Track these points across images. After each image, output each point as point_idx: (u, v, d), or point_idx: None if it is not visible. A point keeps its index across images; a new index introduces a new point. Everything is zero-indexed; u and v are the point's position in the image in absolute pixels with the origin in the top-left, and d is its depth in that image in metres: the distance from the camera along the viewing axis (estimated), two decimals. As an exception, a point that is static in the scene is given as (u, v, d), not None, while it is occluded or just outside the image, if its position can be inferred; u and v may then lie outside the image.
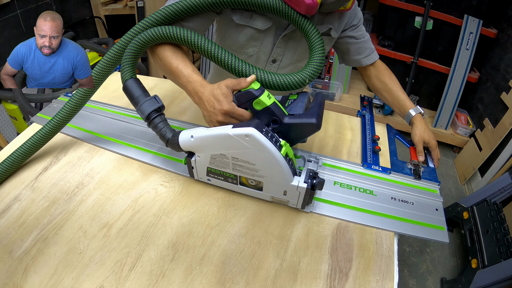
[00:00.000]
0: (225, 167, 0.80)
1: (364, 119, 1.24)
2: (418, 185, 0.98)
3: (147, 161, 0.98)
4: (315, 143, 1.11)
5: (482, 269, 1.70)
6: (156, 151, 1.02)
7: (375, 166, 1.02)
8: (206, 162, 0.81)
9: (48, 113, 1.16)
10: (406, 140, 1.15)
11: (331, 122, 1.21)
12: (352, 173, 0.99)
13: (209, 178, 0.86)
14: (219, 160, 0.79)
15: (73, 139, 1.08)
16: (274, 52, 1.09)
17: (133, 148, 1.03)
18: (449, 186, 2.61)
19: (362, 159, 1.05)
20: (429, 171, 1.04)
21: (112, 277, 0.70)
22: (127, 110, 1.20)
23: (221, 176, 0.83)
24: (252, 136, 0.69)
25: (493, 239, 1.75)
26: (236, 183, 0.83)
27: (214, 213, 0.85)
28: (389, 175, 1.00)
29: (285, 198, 0.81)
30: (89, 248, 0.75)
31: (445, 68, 2.69)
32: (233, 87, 0.79)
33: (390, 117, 2.91)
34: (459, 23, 2.52)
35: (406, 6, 2.58)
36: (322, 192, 0.91)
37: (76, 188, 0.89)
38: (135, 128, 1.11)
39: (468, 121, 2.80)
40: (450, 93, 2.69)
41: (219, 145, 0.75)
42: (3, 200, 0.88)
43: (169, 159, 0.99)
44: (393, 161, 1.07)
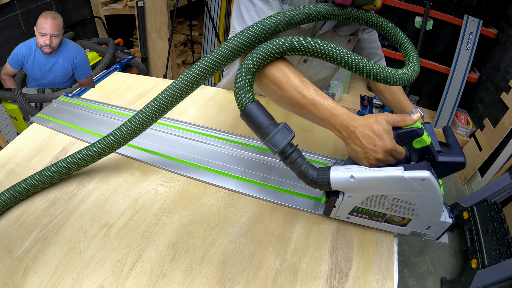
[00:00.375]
0: (379, 207, 0.74)
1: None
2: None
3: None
4: (315, 143, 1.10)
5: (482, 269, 1.70)
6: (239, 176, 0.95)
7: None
8: (357, 202, 0.75)
9: (48, 113, 1.16)
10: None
11: None
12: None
13: (349, 217, 0.80)
14: (375, 201, 0.73)
15: (72, 139, 1.08)
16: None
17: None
18: (449, 186, 2.61)
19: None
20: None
21: (112, 277, 0.69)
22: (127, 110, 1.20)
23: (367, 214, 0.78)
24: (428, 180, 0.66)
25: (493, 239, 1.75)
26: (381, 221, 0.79)
27: (214, 213, 0.85)
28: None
29: (426, 232, 0.78)
30: (89, 248, 0.75)
31: (445, 68, 2.69)
32: (395, 123, 0.72)
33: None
34: (459, 23, 2.52)
35: (406, 6, 2.58)
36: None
37: (76, 188, 0.89)
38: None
39: (468, 121, 2.80)
40: (450, 93, 2.70)
41: (384, 187, 0.70)
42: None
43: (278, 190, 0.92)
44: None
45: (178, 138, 1.07)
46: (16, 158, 0.99)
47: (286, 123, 0.74)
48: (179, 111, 1.23)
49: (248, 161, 0.99)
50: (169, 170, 0.96)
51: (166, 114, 0.83)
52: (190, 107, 1.26)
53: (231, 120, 1.18)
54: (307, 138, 1.10)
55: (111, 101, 1.28)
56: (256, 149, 1.03)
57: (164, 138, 1.06)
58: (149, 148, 1.02)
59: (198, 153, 1.01)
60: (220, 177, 0.94)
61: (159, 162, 0.97)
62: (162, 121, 1.12)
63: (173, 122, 1.14)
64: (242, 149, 1.03)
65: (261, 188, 0.91)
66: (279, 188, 0.91)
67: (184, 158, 0.99)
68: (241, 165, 0.98)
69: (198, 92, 1.35)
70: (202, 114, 1.21)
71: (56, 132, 1.08)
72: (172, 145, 1.04)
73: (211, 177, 0.93)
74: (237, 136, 1.08)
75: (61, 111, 1.16)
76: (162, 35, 2.95)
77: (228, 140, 1.06)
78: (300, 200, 0.88)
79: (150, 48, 3.01)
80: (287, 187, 0.91)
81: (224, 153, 1.02)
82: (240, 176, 0.94)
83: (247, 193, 0.89)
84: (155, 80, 1.45)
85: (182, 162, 0.98)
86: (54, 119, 1.12)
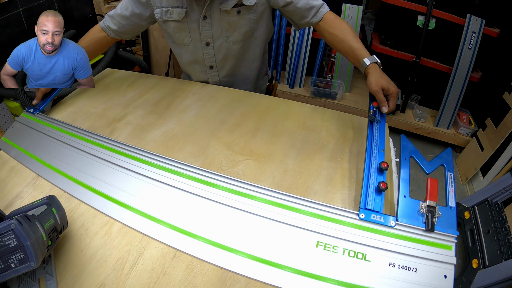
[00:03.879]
0: None
1: (371, 129, 0.94)
2: (428, 240, 0.72)
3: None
4: (316, 143, 1.08)
5: (483, 269, 1.70)
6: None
7: (376, 216, 0.76)
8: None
9: (10, 137, 1.10)
10: (424, 163, 0.85)
11: (333, 121, 1.18)
12: (343, 227, 0.75)
13: None
14: None
15: (34, 176, 1.01)
16: (203, 36, 1.22)
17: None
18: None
19: (361, 202, 0.78)
20: (447, 215, 0.75)
21: (113, 274, 0.70)
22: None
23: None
24: None
25: (494, 239, 1.75)
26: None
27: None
28: (392, 228, 0.74)
29: None
30: (90, 246, 0.76)
31: (448, 68, 2.68)
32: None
33: (392, 116, 2.91)
34: (461, 23, 2.51)
35: (408, 5, 2.57)
36: (295, 257, 0.71)
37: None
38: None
39: (470, 121, 2.80)
40: (452, 93, 2.69)
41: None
42: (6, 197, 0.89)
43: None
44: (402, 202, 0.77)
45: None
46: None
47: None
48: (181, 109, 1.23)
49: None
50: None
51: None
52: (192, 105, 1.25)
53: (233, 118, 1.18)
54: (308, 137, 1.09)
55: (112, 99, 1.28)
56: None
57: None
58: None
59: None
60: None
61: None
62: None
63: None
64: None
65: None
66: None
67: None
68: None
69: (200, 90, 1.35)
70: (204, 112, 1.21)
71: (18, 165, 1.00)
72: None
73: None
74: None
75: (24, 133, 1.10)
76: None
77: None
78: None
79: (152, 46, 3.01)
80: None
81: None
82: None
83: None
84: (157, 78, 1.45)
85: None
86: (16, 146, 1.05)
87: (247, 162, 0.99)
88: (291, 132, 1.11)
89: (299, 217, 0.76)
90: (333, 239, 0.73)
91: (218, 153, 1.02)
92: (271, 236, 0.74)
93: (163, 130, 1.12)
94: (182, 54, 1.36)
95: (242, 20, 1.19)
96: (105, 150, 0.97)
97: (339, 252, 0.71)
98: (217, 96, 1.31)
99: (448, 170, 0.82)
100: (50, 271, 0.70)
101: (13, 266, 0.58)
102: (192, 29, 1.21)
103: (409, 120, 2.91)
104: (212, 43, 1.24)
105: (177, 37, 1.26)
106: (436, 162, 0.84)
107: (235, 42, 1.25)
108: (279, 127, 1.13)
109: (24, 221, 0.59)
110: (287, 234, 0.74)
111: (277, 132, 1.11)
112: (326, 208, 0.78)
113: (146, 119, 1.17)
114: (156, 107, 1.24)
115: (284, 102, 1.29)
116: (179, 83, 1.40)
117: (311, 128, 1.14)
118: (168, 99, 1.29)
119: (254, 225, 0.76)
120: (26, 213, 0.63)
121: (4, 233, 0.57)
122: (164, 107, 1.24)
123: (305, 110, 1.23)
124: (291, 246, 0.72)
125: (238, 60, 1.34)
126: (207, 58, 1.31)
